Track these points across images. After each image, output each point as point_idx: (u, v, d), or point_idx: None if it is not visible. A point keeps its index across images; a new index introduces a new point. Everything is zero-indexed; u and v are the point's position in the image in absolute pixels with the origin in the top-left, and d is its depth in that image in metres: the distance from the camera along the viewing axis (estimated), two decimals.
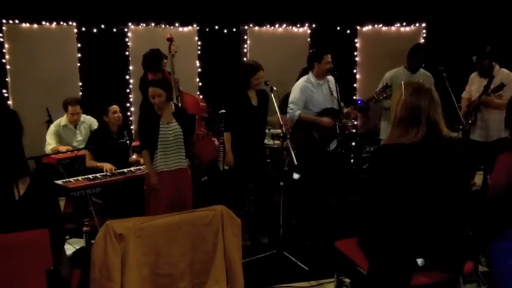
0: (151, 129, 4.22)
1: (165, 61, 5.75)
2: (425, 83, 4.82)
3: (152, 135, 4.22)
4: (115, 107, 4.94)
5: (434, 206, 2.56)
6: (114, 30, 6.65)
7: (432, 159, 2.57)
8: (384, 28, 7.61)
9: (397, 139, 2.61)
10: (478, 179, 5.32)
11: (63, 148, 5.23)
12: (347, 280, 3.33)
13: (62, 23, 6.52)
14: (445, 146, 2.60)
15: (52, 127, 5.48)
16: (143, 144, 4.32)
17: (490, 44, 5.19)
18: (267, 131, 5.44)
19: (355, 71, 7.63)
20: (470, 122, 5.14)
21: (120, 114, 5.00)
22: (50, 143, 5.36)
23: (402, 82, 2.74)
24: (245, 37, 7.11)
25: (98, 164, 4.77)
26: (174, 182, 4.25)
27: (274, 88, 4.44)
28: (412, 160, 2.56)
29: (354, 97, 7.56)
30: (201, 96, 6.62)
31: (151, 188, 4.24)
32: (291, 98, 4.86)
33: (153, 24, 6.75)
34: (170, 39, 5.44)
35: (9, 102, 6.41)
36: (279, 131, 4.80)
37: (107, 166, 4.70)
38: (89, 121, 5.60)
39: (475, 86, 5.26)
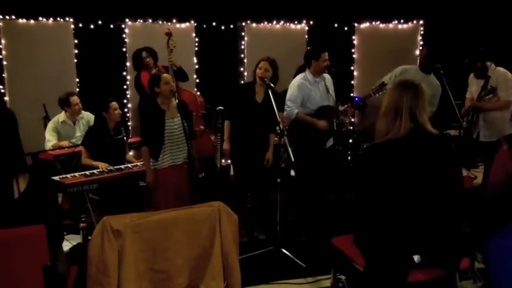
0: (157, 125, 4.25)
1: (146, 60, 5.72)
2: (428, 88, 4.84)
3: (157, 131, 4.24)
4: (115, 104, 4.94)
5: (428, 202, 2.57)
6: (111, 26, 6.62)
7: (419, 155, 2.59)
8: (382, 25, 7.60)
9: (383, 136, 2.64)
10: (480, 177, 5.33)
11: (64, 143, 5.22)
12: (343, 277, 3.34)
13: (58, 19, 6.48)
14: (431, 142, 2.62)
15: (50, 124, 5.47)
16: (145, 141, 4.33)
17: (488, 42, 5.20)
18: None
19: (352, 68, 7.62)
20: (468, 120, 5.14)
21: (120, 111, 5.01)
22: (50, 140, 5.35)
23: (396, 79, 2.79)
24: (242, 34, 7.09)
25: (94, 163, 4.76)
26: (180, 176, 4.36)
27: (272, 85, 4.45)
28: (400, 156, 2.58)
29: (352, 94, 7.55)
30: (198, 93, 6.61)
31: (151, 186, 4.27)
32: (288, 96, 4.86)
33: (150, 21, 6.72)
34: (169, 34, 5.41)
35: (6, 98, 6.38)
36: (277, 128, 4.79)
37: (102, 166, 4.69)
38: (87, 117, 5.59)
39: (473, 87, 5.29)
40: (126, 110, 6.76)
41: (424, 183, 2.57)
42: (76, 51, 6.56)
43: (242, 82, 4.78)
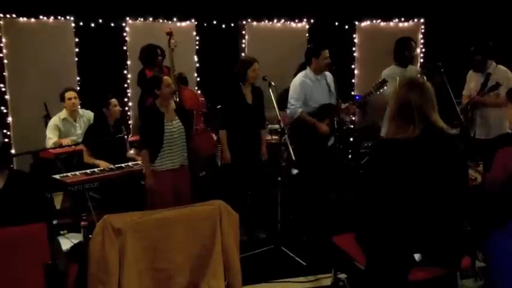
0: (156, 129, 4.24)
1: (159, 58, 5.72)
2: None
3: (156, 134, 4.24)
4: (115, 101, 4.97)
5: (432, 201, 2.57)
6: (112, 24, 6.63)
7: (429, 154, 2.57)
8: (383, 24, 7.61)
9: (394, 135, 2.62)
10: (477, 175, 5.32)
11: (65, 141, 5.21)
12: (344, 275, 3.34)
13: (59, 17, 6.49)
14: (442, 140, 2.61)
15: (51, 122, 5.47)
16: (144, 144, 4.32)
17: (488, 40, 5.19)
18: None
19: (353, 66, 7.62)
20: (466, 117, 5.12)
21: (120, 108, 5.02)
22: (51, 137, 5.35)
23: (397, 78, 2.76)
24: (243, 32, 7.09)
25: (95, 162, 4.77)
26: (178, 179, 4.35)
27: (272, 83, 4.46)
28: (409, 154, 2.56)
29: (352, 92, 7.55)
30: (199, 92, 6.61)
31: (149, 188, 4.26)
32: (290, 94, 4.85)
33: (151, 19, 6.73)
34: (170, 33, 5.41)
35: (7, 96, 6.39)
36: (277, 126, 4.80)
37: (102, 164, 4.69)
38: (88, 115, 5.60)
39: (472, 83, 5.26)
40: (126, 108, 6.77)
41: (431, 182, 2.56)
42: (77, 49, 6.57)
43: (229, 88, 4.75)
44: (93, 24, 6.56)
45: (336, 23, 7.45)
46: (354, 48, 7.59)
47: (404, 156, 2.57)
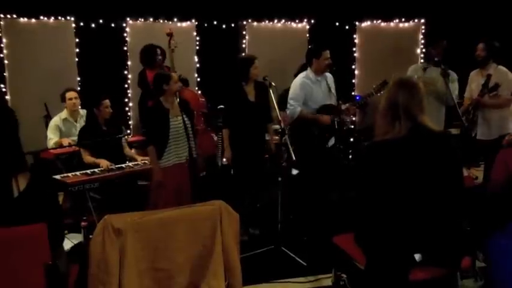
0: (162, 125, 4.28)
1: (159, 57, 5.72)
2: (439, 79, 4.86)
3: (162, 130, 4.28)
4: (107, 102, 4.94)
5: (428, 200, 2.57)
6: (113, 25, 6.64)
7: (418, 153, 2.58)
8: (383, 24, 7.60)
9: (383, 134, 2.64)
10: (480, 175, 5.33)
11: (66, 141, 5.21)
12: (344, 275, 3.34)
13: (60, 17, 6.50)
14: (431, 139, 2.61)
15: (52, 122, 5.47)
16: (150, 140, 4.35)
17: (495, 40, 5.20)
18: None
19: (353, 66, 7.62)
20: (468, 118, 5.12)
21: (111, 110, 5.00)
22: (52, 138, 5.35)
23: (393, 75, 2.78)
24: (244, 32, 7.10)
25: (96, 160, 4.77)
26: (183, 174, 4.42)
27: (273, 84, 4.46)
28: (401, 155, 2.58)
29: (353, 93, 7.55)
30: (199, 92, 6.61)
31: (156, 184, 4.28)
32: (290, 95, 4.85)
33: (151, 20, 6.73)
34: (170, 34, 5.43)
35: (7, 97, 6.39)
36: (278, 126, 4.80)
37: (104, 163, 4.69)
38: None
39: (474, 84, 5.27)
40: (127, 108, 6.77)
41: (425, 182, 2.57)
42: (77, 50, 6.58)
43: (230, 87, 4.77)
44: (93, 25, 6.57)
45: (337, 24, 7.45)
46: (354, 49, 7.59)
47: (394, 157, 2.59)
